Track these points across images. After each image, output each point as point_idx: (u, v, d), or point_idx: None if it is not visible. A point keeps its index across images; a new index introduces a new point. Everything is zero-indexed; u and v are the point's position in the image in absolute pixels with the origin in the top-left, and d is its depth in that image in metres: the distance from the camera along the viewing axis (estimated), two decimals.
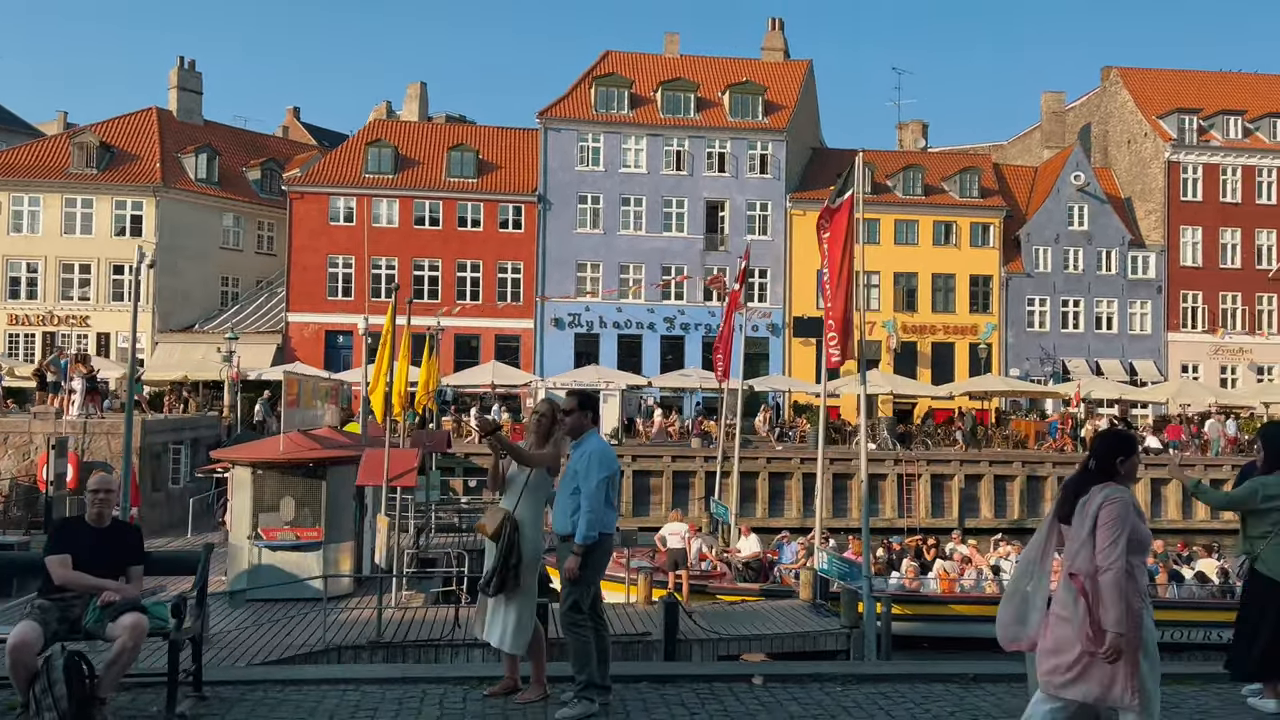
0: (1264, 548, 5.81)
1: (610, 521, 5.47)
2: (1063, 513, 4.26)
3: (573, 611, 5.39)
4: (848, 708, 5.41)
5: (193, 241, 40.51)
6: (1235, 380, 43.73)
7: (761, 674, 5.90)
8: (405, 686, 5.58)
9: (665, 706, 5.39)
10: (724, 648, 13.31)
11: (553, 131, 42.37)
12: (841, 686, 5.80)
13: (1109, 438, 4.51)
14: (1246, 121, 45.12)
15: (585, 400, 5.63)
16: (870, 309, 43.38)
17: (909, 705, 5.49)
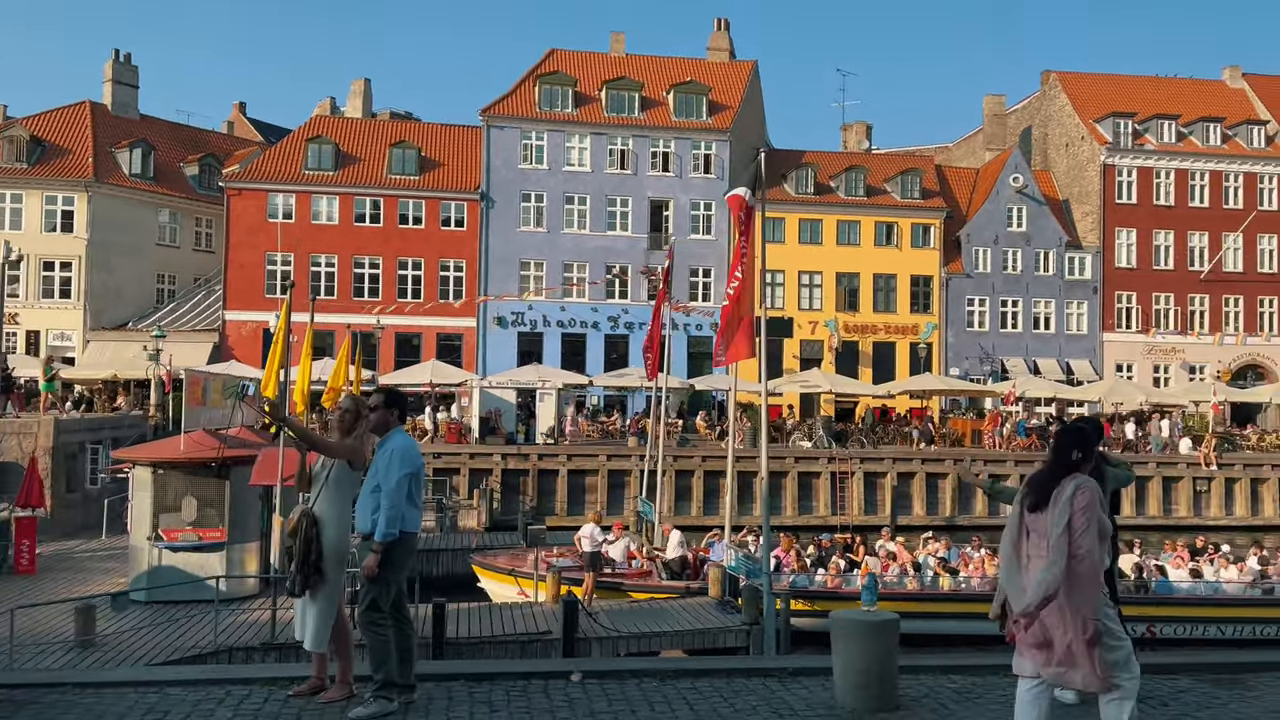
0: None
1: (413, 519, 5.45)
2: (1033, 503, 4.37)
3: (371, 610, 5.36)
4: (654, 702, 5.44)
5: (126, 238, 39.83)
6: (1168, 379, 44.60)
7: (581, 671, 5.91)
8: (210, 688, 5.52)
9: (470, 704, 5.38)
10: (623, 645, 13.34)
11: (496, 129, 42.21)
12: (659, 681, 5.82)
13: (1072, 430, 4.63)
14: (1180, 126, 46.02)
15: (391, 397, 5.61)
16: (813, 309, 43.87)
17: (715, 698, 5.53)
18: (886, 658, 5.42)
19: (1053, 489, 4.34)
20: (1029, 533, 4.38)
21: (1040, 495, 4.39)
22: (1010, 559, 4.47)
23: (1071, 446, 4.45)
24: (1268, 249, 45.71)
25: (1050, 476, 4.43)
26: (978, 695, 5.76)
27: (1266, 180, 45.77)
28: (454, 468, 29.30)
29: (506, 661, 10.58)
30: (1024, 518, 4.42)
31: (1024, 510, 4.43)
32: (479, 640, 13.01)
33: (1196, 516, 31.92)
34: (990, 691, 5.83)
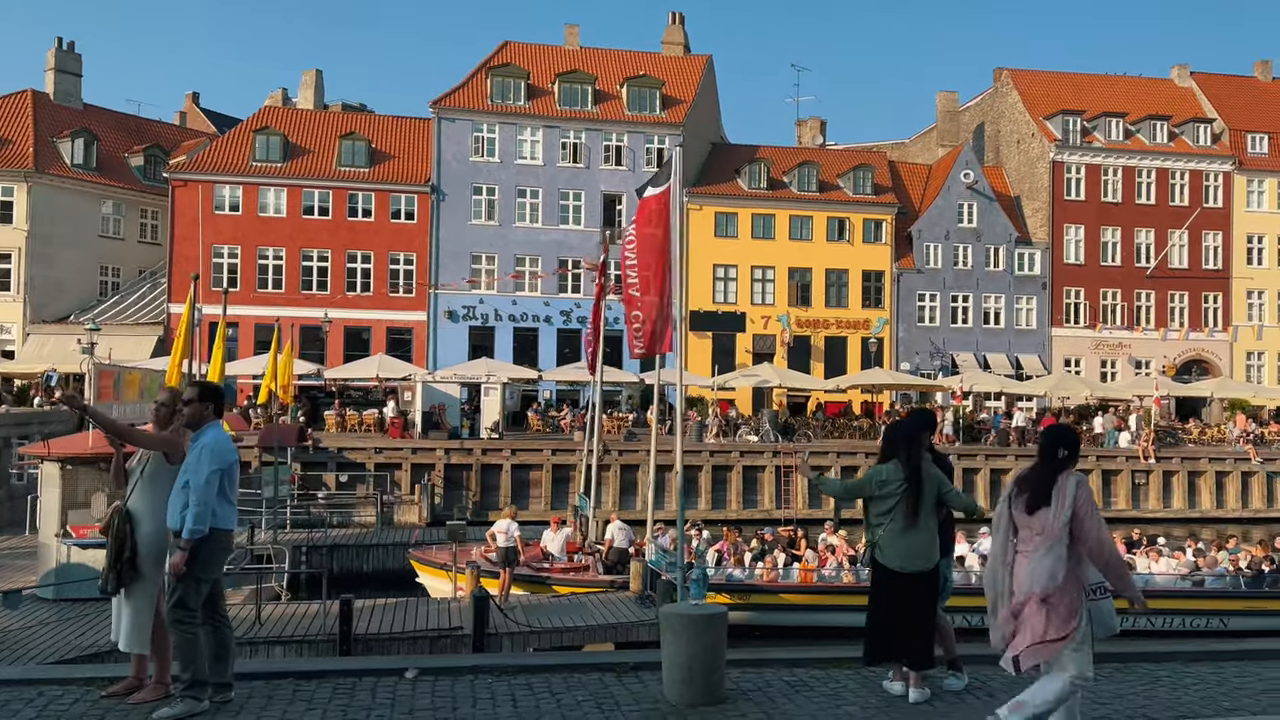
0: (881, 535, 5.96)
1: (226, 516, 5.36)
2: (1031, 504, 4.46)
3: (178, 608, 5.26)
4: (479, 698, 5.40)
5: (68, 229, 39.19)
6: (1115, 374, 45.18)
7: (417, 668, 5.86)
8: (22, 688, 5.40)
9: (289, 703, 5.32)
10: (535, 640, 13.31)
11: (446, 121, 41.91)
12: (494, 678, 5.78)
13: (1059, 430, 4.76)
14: (1128, 124, 46.58)
15: (206, 391, 5.51)
16: (765, 303, 43.98)
17: (544, 694, 5.50)
18: (711, 651, 5.41)
19: (1048, 487, 4.44)
20: (1017, 529, 4.49)
21: (1035, 494, 4.48)
22: (998, 560, 4.61)
23: (1059, 445, 4.58)
24: (1212, 246, 46.40)
25: (1043, 475, 4.52)
26: (809, 688, 5.78)
27: (1212, 178, 46.44)
28: (396, 463, 29.09)
29: (339, 659, 10.51)
30: (1013, 515, 4.53)
31: (1012, 509, 4.53)
32: (387, 636, 12.92)
33: (1135, 509, 32.36)
34: (824, 684, 5.85)
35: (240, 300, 39.81)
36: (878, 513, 6.08)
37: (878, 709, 5.40)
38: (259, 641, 12.40)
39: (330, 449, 29.11)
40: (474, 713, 5.15)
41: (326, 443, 29.58)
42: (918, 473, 5.95)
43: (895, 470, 5.96)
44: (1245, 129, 47.06)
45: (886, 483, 6.00)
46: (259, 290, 40.19)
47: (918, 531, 6.06)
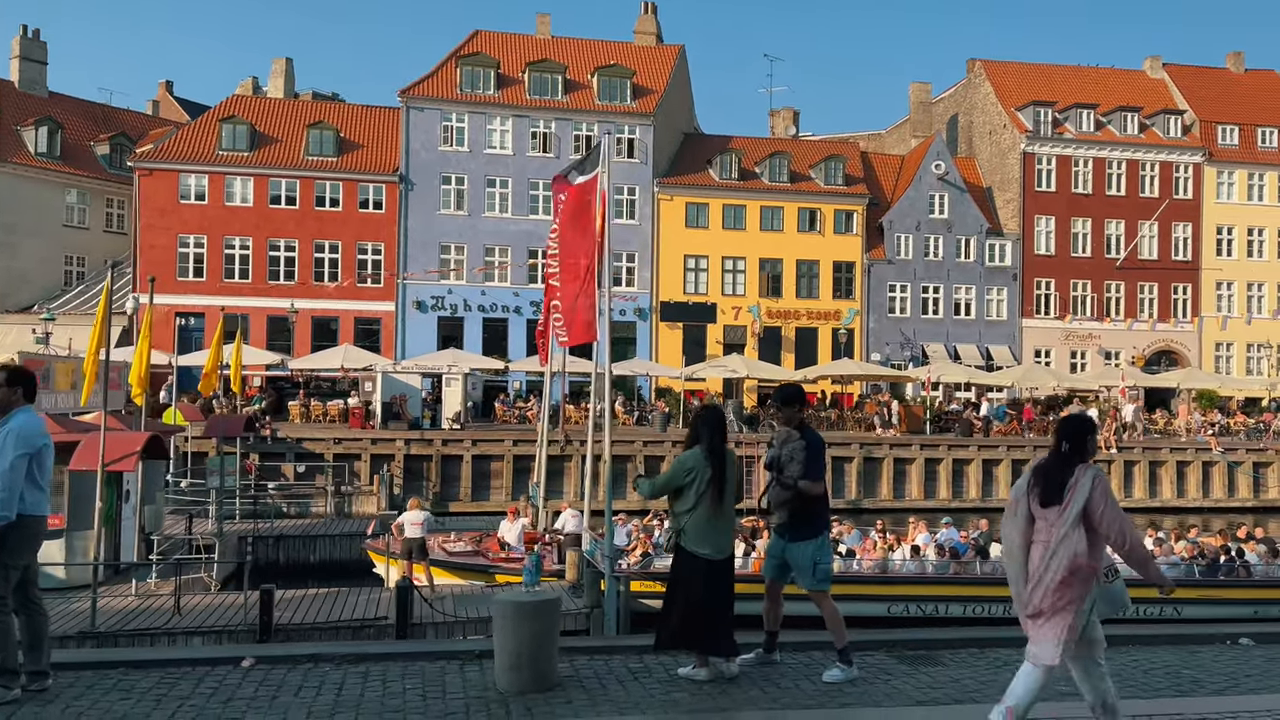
0: (688, 522, 5.91)
1: (36, 502, 5.28)
2: (1046, 496, 4.46)
3: None
4: (306, 686, 5.34)
5: (31, 219, 38.89)
6: (1084, 365, 45.33)
7: (254, 656, 5.80)
8: None
9: (105, 691, 5.25)
10: (459, 630, 13.26)
11: (415, 110, 41.68)
12: (333, 666, 5.73)
13: (1077, 421, 4.79)
14: (1099, 115, 46.65)
15: (14, 375, 5.43)
16: (736, 294, 43.96)
17: (375, 682, 5.45)
18: (540, 638, 5.37)
19: (1064, 478, 4.45)
20: (1033, 520, 4.51)
21: (1047, 486, 4.50)
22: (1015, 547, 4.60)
23: (1064, 438, 4.60)
24: (1182, 237, 46.55)
25: (1059, 466, 4.53)
26: (650, 674, 5.74)
27: (1182, 169, 46.57)
28: (355, 453, 28.98)
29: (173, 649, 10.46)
30: (1030, 506, 4.54)
31: (1030, 499, 4.54)
32: (309, 626, 12.85)
33: None
34: (669, 670, 5.81)
35: (207, 290, 39.70)
36: (684, 500, 6.01)
37: (708, 694, 5.37)
38: (177, 632, 12.32)
39: (289, 439, 28.98)
40: (293, 700, 5.11)
41: (287, 433, 29.46)
42: (721, 458, 5.92)
43: (700, 456, 5.91)
44: (1216, 120, 47.19)
45: (693, 470, 5.93)
46: (225, 280, 39.97)
47: (724, 517, 6.02)
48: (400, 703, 5.11)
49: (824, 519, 6.21)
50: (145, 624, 12.71)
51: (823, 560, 6.11)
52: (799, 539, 5.98)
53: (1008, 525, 4.65)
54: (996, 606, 17.68)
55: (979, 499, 31.95)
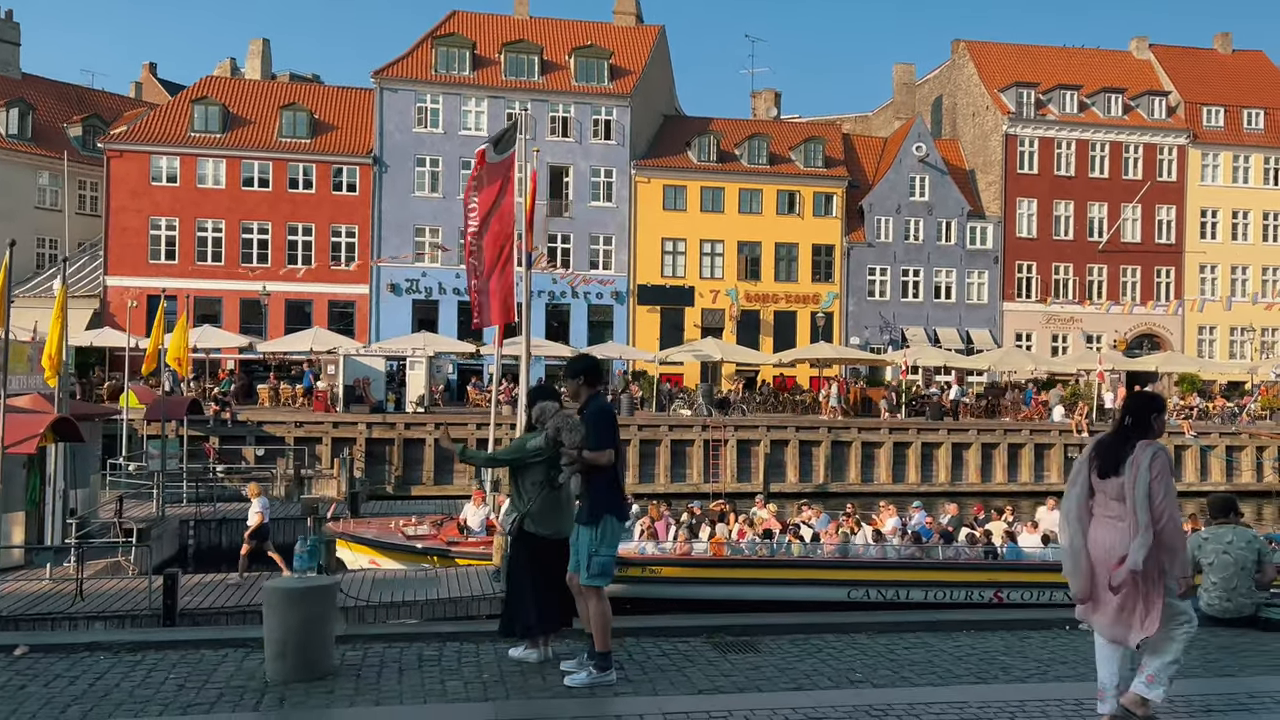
0: (535, 505, 5.74)
1: None
2: (1104, 469, 4.47)
3: None
4: (65, 675, 5.17)
5: (3, 201, 38.65)
6: (1066, 348, 45.02)
7: (27, 644, 5.63)
8: None
9: None
10: (370, 614, 13.11)
11: (389, 91, 41.36)
12: (109, 654, 5.56)
13: (1142, 397, 4.75)
14: (1083, 96, 46.16)
15: None
16: (714, 277, 43.68)
17: (141, 671, 5.28)
18: (310, 626, 5.19)
19: (1124, 454, 4.44)
20: (1094, 494, 4.52)
21: (1106, 459, 4.50)
22: (1076, 521, 4.58)
23: (1128, 413, 4.62)
24: (1165, 220, 46.14)
25: (1120, 441, 4.52)
26: (437, 662, 5.56)
27: (1166, 151, 46.10)
28: (316, 436, 28.84)
29: None
30: (1090, 478, 4.55)
31: (1090, 474, 4.56)
32: (216, 610, 12.72)
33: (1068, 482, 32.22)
34: (460, 658, 5.63)
35: (179, 273, 39.51)
36: (531, 482, 5.88)
37: (484, 683, 5.19)
38: (79, 617, 12.18)
39: (249, 422, 28.84)
40: (44, 691, 4.93)
41: (248, 416, 29.31)
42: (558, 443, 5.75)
43: (543, 438, 5.75)
44: (1201, 102, 46.68)
45: (541, 450, 5.78)
46: (198, 263, 39.78)
47: (569, 499, 5.88)
48: (152, 693, 4.93)
49: (611, 501, 5.55)
50: (51, 609, 12.57)
51: (602, 551, 5.46)
52: (581, 523, 5.55)
53: (1068, 497, 4.69)
54: (958, 591, 17.53)
55: (948, 483, 31.79)
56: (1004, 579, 17.62)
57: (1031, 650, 6.02)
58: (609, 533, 5.49)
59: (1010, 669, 5.62)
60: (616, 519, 5.55)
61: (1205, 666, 5.76)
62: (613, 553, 5.50)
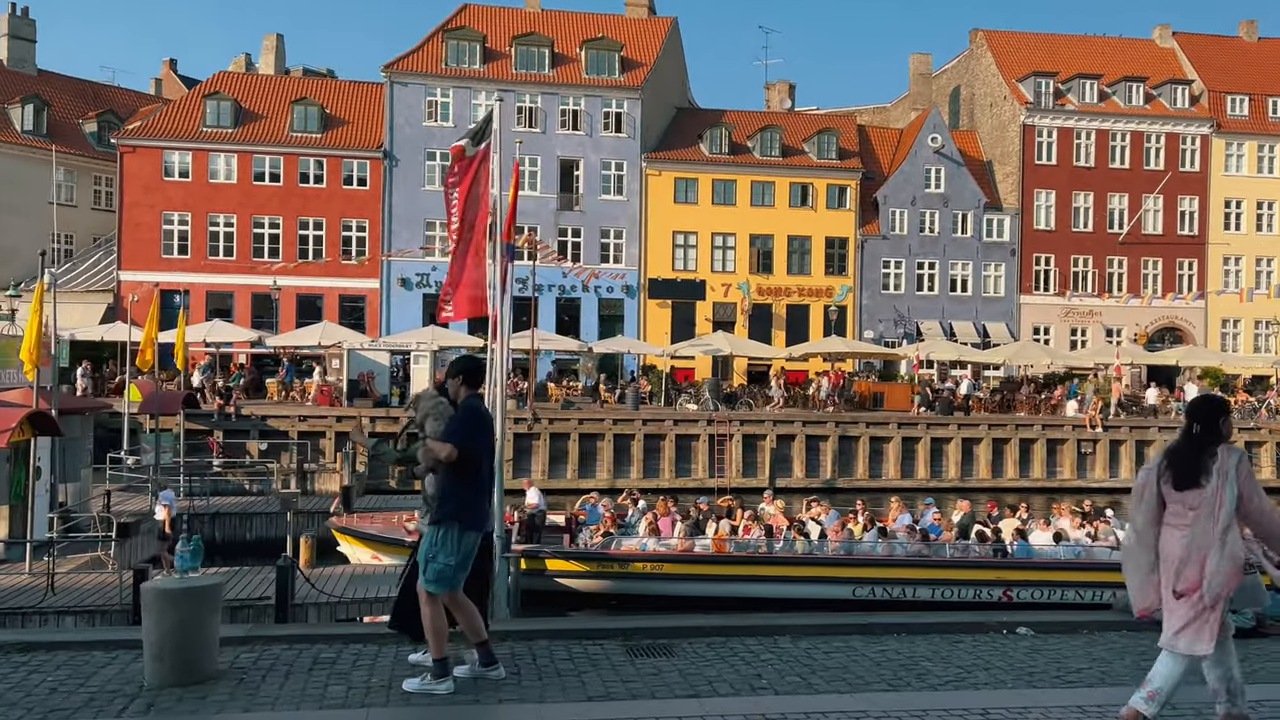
0: None
1: None
2: (1181, 481, 4.34)
3: None
4: None
5: (18, 196, 39.04)
6: (1085, 342, 44.28)
7: None
8: None
9: None
10: (342, 610, 13.02)
11: (399, 86, 41.34)
12: (3, 654, 5.43)
13: (1208, 402, 4.68)
14: (1103, 85, 45.35)
15: None
16: (726, 271, 43.34)
17: (23, 673, 5.13)
18: (189, 627, 5.02)
19: (1203, 464, 4.31)
20: (1166, 504, 4.39)
21: (1181, 470, 4.37)
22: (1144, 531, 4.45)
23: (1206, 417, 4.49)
24: (1188, 211, 45.24)
25: (1194, 451, 4.39)
26: (329, 665, 5.38)
27: (1189, 141, 45.19)
28: (320, 431, 28.87)
29: None
30: (1161, 489, 4.42)
31: (1162, 482, 4.44)
32: None
33: (1080, 479, 31.72)
34: (350, 662, 5.45)
35: (191, 268, 39.76)
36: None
37: (369, 689, 5.01)
38: (47, 611, 12.16)
39: (253, 417, 28.93)
40: None
41: (252, 410, 29.40)
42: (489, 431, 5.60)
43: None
44: (1225, 90, 45.70)
45: None
46: (210, 258, 39.99)
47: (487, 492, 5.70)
48: (21, 695, 4.80)
49: (460, 507, 5.21)
50: (22, 603, 12.56)
51: (440, 558, 5.14)
52: (429, 522, 5.28)
53: (1135, 510, 4.56)
54: (967, 590, 17.17)
55: (958, 478, 31.32)
56: (1014, 577, 17.23)
57: (958, 656, 5.75)
58: (450, 540, 5.17)
59: (928, 676, 5.36)
60: (462, 527, 5.20)
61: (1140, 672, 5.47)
62: (452, 561, 5.15)
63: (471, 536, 5.25)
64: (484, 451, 5.34)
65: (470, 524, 5.20)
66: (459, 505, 5.19)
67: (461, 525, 5.19)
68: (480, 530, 5.36)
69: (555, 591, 17.19)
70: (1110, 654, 5.87)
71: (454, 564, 5.15)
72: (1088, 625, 6.48)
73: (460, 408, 5.45)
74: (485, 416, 5.49)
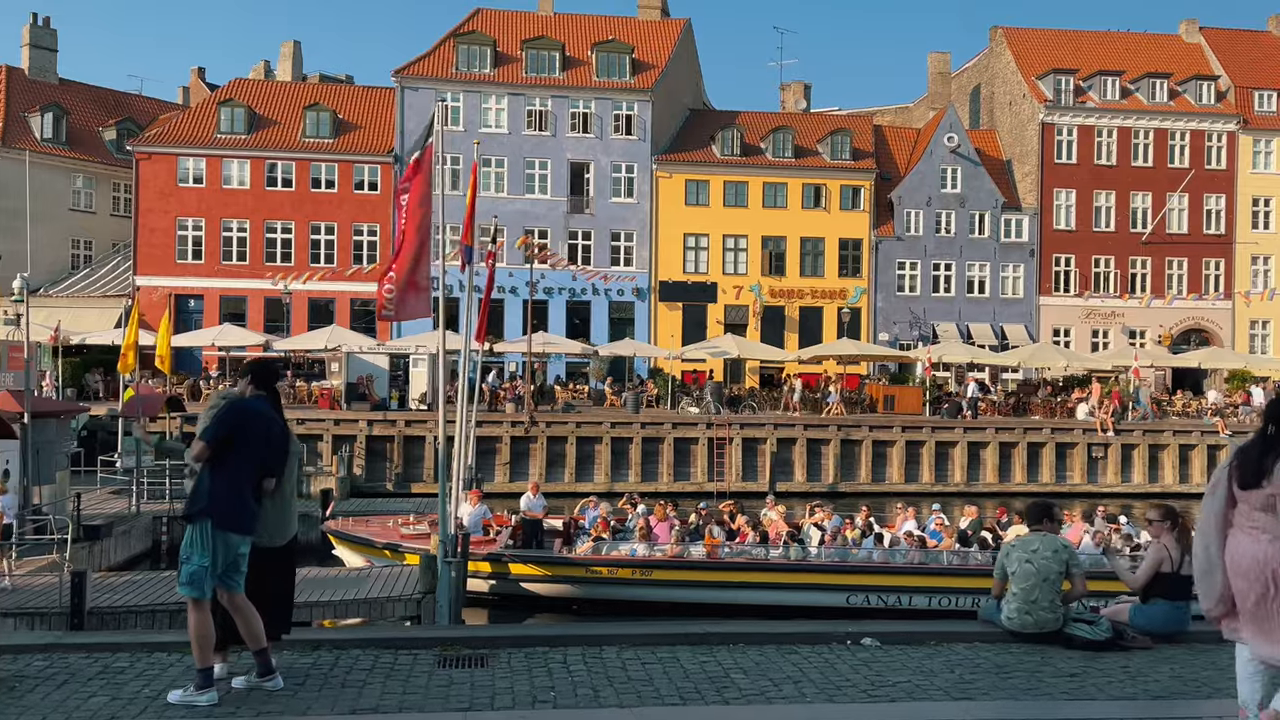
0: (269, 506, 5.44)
1: None
2: (1246, 480, 4.25)
3: None
4: None
5: (37, 203, 39.60)
6: (1107, 344, 43.32)
7: None
8: None
9: None
10: None
11: (410, 90, 41.57)
12: None
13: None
14: (1125, 82, 44.36)
15: None
16: (737, 273, 43.01)
17: None
18: None
19: (1268, 464, 4.20)
20: (1236, 504, 4.28)
21: (1251, 471, 4.25)
22: (1215, 533, 4.32)
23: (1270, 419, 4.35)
24: (1214, 209, 44.10)
25: (1263, 450, 4.26)
26: (122, 673, 5.26)
27: (1215, 138, 44.05)
28: (317, 434, 29.01)
29: None
30: (1231, 488, 4.30)
31: (1231, 483, 4.31)
32: (124, 609, 12.68)
33: (1090, 483, 30.96)
34: (152, 669, 5.32)
35: (205, 273, 40.28)
36: None
37: (133, 701, 4.88)
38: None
39: None
40: None
41: None
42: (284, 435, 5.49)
43: None
44: (1253, 86, 44.48)
45: None
46: (224, 263, 40.47)
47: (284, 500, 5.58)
48: None
49: (218, 505, 5.03)
50: None
51: (193, 558, 4.99)
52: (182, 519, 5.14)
53: (1206, 505, 4.43)
54: (964, 598, 16.68)
55: (964, 483, 30.73)
56: None
57: (778, 668, 5.48)
58: (203, 539, 5.01)
59: (729, 689, 5.11)
60: (215, 525, 5.04)
61: (960, 685, 5.18)
62: (206, 563, 4.98)
63: (232, 538, 5.09)
64: (243, 451, 5.17)
65: (226, 524, 5.04)
66: (210, 502, 5.06)
67: (215, 524, 5.04)
68: (243, 533, 5.17)
69: (518, 595, 17.07)
70: (943, 666, 5.57)
71: (207, 565, 5.00)
72: (936, 636, 6.17)
73: (229, 405, 5.32)
74: (252, 417, 5.32)
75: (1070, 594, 6.17)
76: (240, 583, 5.18)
